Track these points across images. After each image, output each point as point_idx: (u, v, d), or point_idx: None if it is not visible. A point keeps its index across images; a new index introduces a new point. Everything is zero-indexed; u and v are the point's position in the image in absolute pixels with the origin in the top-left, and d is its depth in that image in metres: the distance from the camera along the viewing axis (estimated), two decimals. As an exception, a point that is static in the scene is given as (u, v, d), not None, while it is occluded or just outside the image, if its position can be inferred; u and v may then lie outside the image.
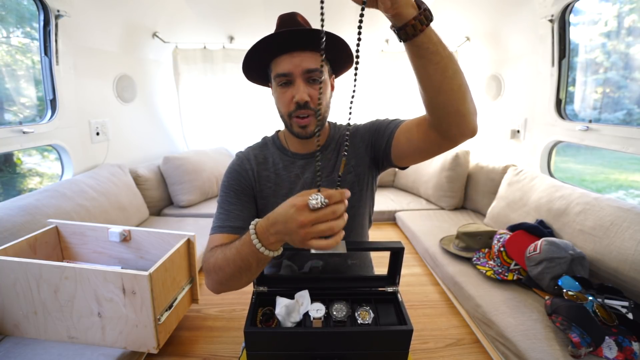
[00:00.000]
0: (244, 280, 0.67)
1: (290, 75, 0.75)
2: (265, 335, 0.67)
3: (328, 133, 0.92)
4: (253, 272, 0.63)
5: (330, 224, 0.50)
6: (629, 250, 1.22)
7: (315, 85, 0.76)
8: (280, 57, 0.75)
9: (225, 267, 0.64)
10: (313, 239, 0.51)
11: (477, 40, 2.51)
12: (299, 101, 0.74)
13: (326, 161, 0.88)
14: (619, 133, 1.54)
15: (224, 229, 0.77)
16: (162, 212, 2.43)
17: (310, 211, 0.50)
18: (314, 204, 0.49)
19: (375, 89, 2.88)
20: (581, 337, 1.01)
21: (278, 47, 0.74)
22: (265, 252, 0.57)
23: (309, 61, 0.74)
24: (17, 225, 1.33)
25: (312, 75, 0.75)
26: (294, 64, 0.73)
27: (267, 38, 0.72)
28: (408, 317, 0.71)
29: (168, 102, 2.79)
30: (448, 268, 1.60)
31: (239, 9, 2.34)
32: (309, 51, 0.74)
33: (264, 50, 0.75)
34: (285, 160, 0.89)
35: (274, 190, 0.86)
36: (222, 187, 0.86)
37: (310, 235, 0.51)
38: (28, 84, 1.85)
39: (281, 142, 0.91)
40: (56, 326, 1.07)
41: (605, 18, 1.84)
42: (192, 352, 1.23)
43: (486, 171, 2.31)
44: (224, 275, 0.66)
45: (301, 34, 0.72)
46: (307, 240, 0.51)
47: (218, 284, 0.69)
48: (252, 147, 0.94)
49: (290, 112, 0.77)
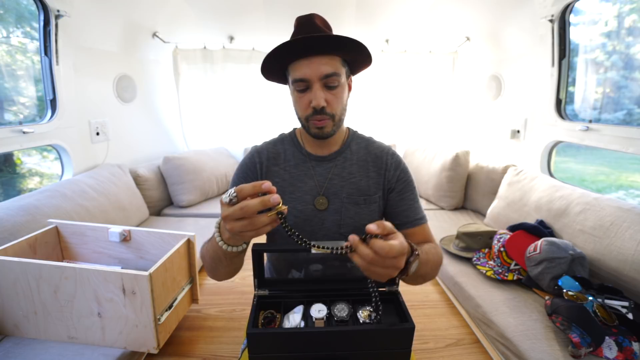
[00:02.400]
0: (220, 271, 0.73)
1: (307, 81, 0.75)
2: (268, 336, 0.67)
3: (345, 139, 0.91)
4: (225, 264, 0.69)
5: (249, 220, 0.50)
6: (629, 250, 1.22)
7: (333, 91, 0.76)
8: (297, 62, 0.75)
9: (206, 259, 0.74)
10: (241, 232, 0.51)
11: (477, 40, 2.51)
12: (316, 107, 0.75)
13: (340, 168, 0.88)
14: (619, 133, 1.54)
15: None
16: (162, 212, 2.43)
17: (227, 205, 0.50)
18: (223, 197, 0.49)
19: (375, 89, 2.88)
20: (581, 337, 1.01)
21: (295, 52, 0.74)
22: (223, 247, 0.61)
23: (326, 66, 0.74)
24: (17, 225, 1.33)
25: (330, 80, 0.75)
26: (312, 69, 0.73)
27: (284, 45, 0.72)
28: (409, 314, 0.71)
29: (168, 102, 2.79)
30: (448, 268, 1.60)
31: (239, 9, 2.34)
32: (326, 55, 0.74)
33: (282, 55, 0.75)
34: (298, 158, 0.89)
35: (281, 186, 0.86)
36: (232, 181, 0.90)
37: (235, 230, 0.51)
38: (28, 83, 1.85)
39: (298, 139, 0.91)
40: (56, 326, 1.07)
41: (605, 18, 1.84)
42: (192, 352, 1.23)
43: (486, 171, 2.31)
44: (206, 267, 0.75)
45: (319, 39, 0.71)
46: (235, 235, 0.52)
47: (208, 272, 0.77)
48: (267, 141, 0.94)
49: (308, 116, 0.78)
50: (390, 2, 2.31)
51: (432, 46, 2.76)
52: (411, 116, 2.99)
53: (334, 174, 0.87)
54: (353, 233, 0.86)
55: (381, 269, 0.51)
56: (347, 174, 0.87)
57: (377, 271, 0.51)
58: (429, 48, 2.77)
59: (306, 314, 0.75)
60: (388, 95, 2.91)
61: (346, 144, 0.90)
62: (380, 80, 2.85)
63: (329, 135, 0.80)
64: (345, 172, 0.87)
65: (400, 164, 0.89)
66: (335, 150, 0.89)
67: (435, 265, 0.75)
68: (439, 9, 2.32)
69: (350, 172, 0.88)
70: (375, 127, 2.95)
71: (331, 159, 0.88)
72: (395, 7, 2.36)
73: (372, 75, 2.83)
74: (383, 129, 2.98)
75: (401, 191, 0.87)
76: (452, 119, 2.99)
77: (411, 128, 3.03)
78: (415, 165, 2.74)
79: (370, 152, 0.90)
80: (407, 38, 2.69)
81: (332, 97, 0.76)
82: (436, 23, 2.49)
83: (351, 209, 0.85)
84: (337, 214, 0.85)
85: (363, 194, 0.86)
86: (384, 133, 2.98)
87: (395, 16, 2.45)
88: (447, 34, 2.61)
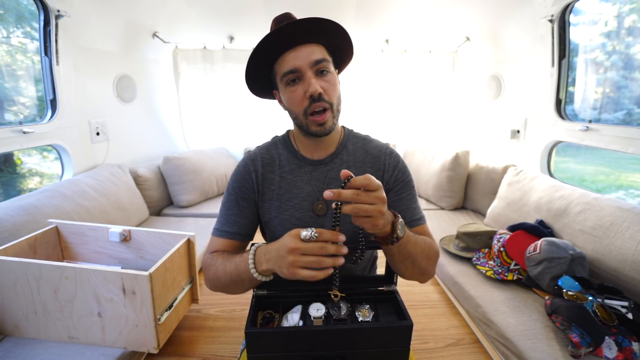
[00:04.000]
0: (237, 292, 0.75)
1: (298, 71, 0.72)
2: (266, 335, 0.67)
3: (340, 140, 0.87)
4: (245, 287, 0.72)
5: (318, 258, 0.55)
6: (629, 250, 1.22)
7: (326, 77, 0.74)
8: (283, 56, 0.73)
9: (223, 279, 0.73)
10: (300, 267, 0.55)
11: (477, 40, 2.52)
12: (313, 93, 0.71)
13: (337, 172, 0.83)
14: (619, 133, 1.54)
15: (222, 233, 0.82)
16: (162, 212, 2.43)
17: (301, 240, 0.55)
18: (305, 234, 0.54)
19: (375, 89, 2.88)
20: (581, 337, 1.01)
21: (280, 45, 0.72)
22: (256, 276, 0.64)
23: (315, 53, 0.72)
24: (17, 225, 1.33)
25: (321, 66, 0.73)
26: (301, 58, 0.71)
27: (268, 37, 0.70)
28: (407, 313, 0.71)
29: (168, 102, 2.79)
30: (448, 268, 1.60)
31: (239, 9, 2.34)
32: (312, 43, 0.73)
33: (266, 52, 0.74)
34: (293, 163, 0.85)
35: (277, 193, 0.83)
36: (226, 189, 0.87)
37: (297, 263, 0.55)
38: (28, 83, 1.85)
39: (291, 143, 0.87)
40: (56, 326, 1.07)
41: (605, 18, 1.84)
42: (192, 352, 1.23)
43: (486, 171, 2.31)
44: (220, 285, 0.75)
45: (302, 28, 0.70)
46: (294, 267, 0.55)
47: (214, 287, 0.78)
48: (260, 147, 0.91)
49: (305, 108, 0.73)
50: (390, 2, 2.31)
51: (432, 46, 2.76)
52: (411, 116, 2.99)
53: (332, 178, 0.84)
54: (353, 237, 0.86)
55: (369, 207, 0.53)
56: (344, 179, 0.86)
57: (367, 209, 0.53)
58: (429, 48, 2.77)
59: (305, 314, 0.75)
60: (388, 95, 2.91)
61: (342, 144, 0.86)
62: (381, 80, 2.85)
63: (330, 130, 0.76)
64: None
65: (398, 163, 0.86)
66: (331, 152, 0.85)
67: (426, 253, 0.72)
68: (439, 9, 2.32)
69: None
70: (376, 127, 2.96)
71: (327, 162, 0.84)
72: (395, 7, 2.36)
73: (372, 75, 2.83)
74: (383, 129, 2.98)
75: (399, 191, 0.84)
76: (452, 119, 2.99)
77: (411, 128, 3.03)
78: (415, 165, 2.74)
79: (368, 152, 0.87)
80: (407, 38, 2.69)
81: (327, 84, 0.73)
82: (436, 23, 2.49)
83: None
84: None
85: None
86: (384, 133, 2.97)
87: (395, 16, 2.45)
88: (447, 34, 2.61)
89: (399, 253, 0.67)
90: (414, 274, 0.74)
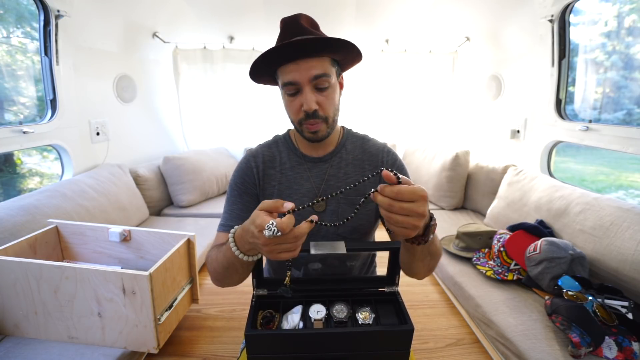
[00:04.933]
0: (235, 279, 0.74)
1: (297, 84, 0.73)
2: (266, 337, 0.67)
3: (339, 139, 0.90)
4: (240, 272, 0.70)
5: (288, 246, 0.53)
6: (629, 250, 1.22)
7: (324, 92, 0.75)
8: (286, 66, 0.74)
9: (218, 268, 0.72)
10: (279, 253, 0.54)
11: (477, 40, 2.51)
12: (308, 110, 0.73)
13: (336, 169, 0.87)
14: (619, 133, 1.54)
15: (226, 228, 0.83)
16: (162, 212, 2.43)
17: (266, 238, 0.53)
18: (268, 235, 0.51)
19: (375, 89, 2.88)
20: (581, 337, 1.01)
21: (283, 56, 0.72)
22: (242, 257, 0.63)
23: (315, 68, 0.72)
24: (17, 225, 1.33)
25: (320, 81, 0.73)
26: (300, 72, 0.72)
27: (271, 51, 0.70)
28: (409, 316, 0.71)
29: (168, 102, 2.79)
30: (448, 268, 1.60)
31: (239, 9, 2.34)
32: (315, 57, 0.73)
33: (269, 60, 0.74)
34: (294, 160, 0.88)
35: (278, 189, 0.86)
36: (229, 185, 0.89)
37: (273, 254, 0.54)
38: (28, 83, 1.85)
39: (292, 141, 0.90)
40: (56, 326, 1.07)
41: (605, 18, 1.84)
42: (192, 352, 1.23)
43: (486, 171, 2.31)
44: (218, 275, 0.74)
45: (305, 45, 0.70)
46: (273, 255, 0.55)
47: (216, 281, 0.77)
48: (262, 144, 0.94)
49: (300, 119, 0.77)
50: (390, 2, 2.31)
51: (432, 46, 2.76)
52: (411, 116, 2.99)
53: (330, 175, 0.86)
54: (351, 234, 0.86)
55: (401, 219, 0.49)
56: (343, 175, 0.87)
57: (397, 220, 0.49)
58: (429, 48, 2.77)
59: (305, 314, 0.75)
60: (388, 95, 2.91)
61: (341, 143, 0.89)
62: (380, 80, 2.85)
63: (323, 138, 0.79)
64: (341, 173, 0.87)
65: (395, 161, 0.89)
66: (330, 150, 0.88)
67: (437, 253, 0.71)
68: (439, 9, 2.32)
69: (346, 173, 0.87)
70: (376, 127, 2.95)
71: (326, 160, 0.88)
72: (395, 7, 2.36)
73: (372, 75, 2.83)
74: (383, 128, 2.98)
75: None
76: (452, 119, 2.99)
77: (411, 128, 3.03)
78: (415, 165, 2.75)
79: (366, 151, 0.89)
80: (407, 38, 2.69)
81: (324, 99, 0.75)
82: (436, 23, 2.49)
83: (348, 209, 0.85)
84: (335, 215, 0.85)
85: (360, 194, 0.86)
86: (384, 133, 2.98)
87: (395, 16, 2.45)
88: (447, 34, 2.61)
89: (422, 252, 0.65)
90: (424, 272, 0.74)
